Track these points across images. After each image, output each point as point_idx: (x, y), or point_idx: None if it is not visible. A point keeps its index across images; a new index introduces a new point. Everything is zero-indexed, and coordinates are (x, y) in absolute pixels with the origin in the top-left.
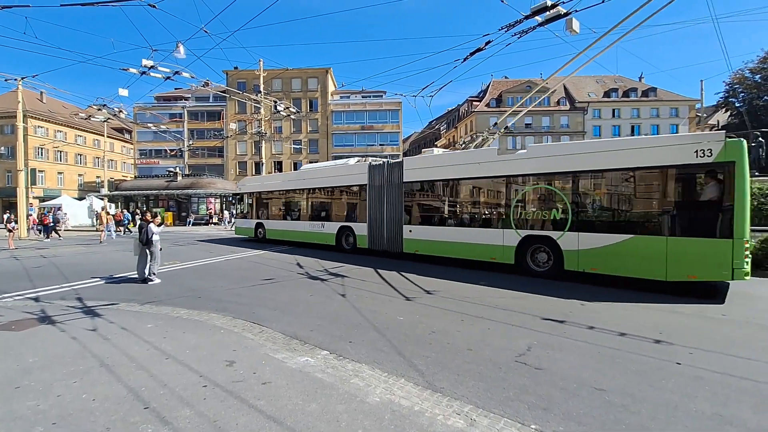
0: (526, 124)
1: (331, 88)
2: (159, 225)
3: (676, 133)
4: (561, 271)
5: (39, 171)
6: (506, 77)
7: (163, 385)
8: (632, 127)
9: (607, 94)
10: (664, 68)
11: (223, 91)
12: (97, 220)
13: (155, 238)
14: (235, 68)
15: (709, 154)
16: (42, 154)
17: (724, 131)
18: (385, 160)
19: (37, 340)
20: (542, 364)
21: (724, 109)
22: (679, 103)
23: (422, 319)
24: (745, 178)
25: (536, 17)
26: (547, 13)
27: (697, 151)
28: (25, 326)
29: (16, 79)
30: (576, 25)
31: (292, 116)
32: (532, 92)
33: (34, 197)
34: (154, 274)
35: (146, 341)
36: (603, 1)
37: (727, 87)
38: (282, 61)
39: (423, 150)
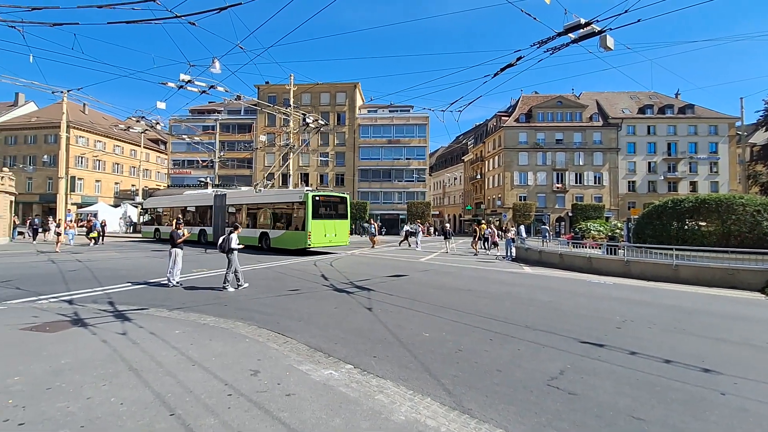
0: (557, 140)
1: (358, 102)
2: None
3: (716, 151)
4: (270, 248)
5: (78, 179)
6: (536, 92)
7: (189, 391)
8: (668, 145)
9: (641, 110)
10: (702, 84)
11: (255, 105)
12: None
13: (234, 245)
14: (267, 83)
15: (302, 198)
16: (82, 163)
17: (307, 188)
18: (222, 190)
19: (69, 342)
20: (576, 389)
21: (764, 128)
22: (718, 120)
23: (449, 336)
24: (309, 209)
25: (569, 34)
26: (581, 30)
27: (299, 196)
28: (59, 328)
29: (62, 92)
30: (610, 42)
31: (321, 129)
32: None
33: (72, 203)
34: (239, 279)
35: (174, 347)
36: (639, 21)
37: (766, 105)
38: (312, 76)
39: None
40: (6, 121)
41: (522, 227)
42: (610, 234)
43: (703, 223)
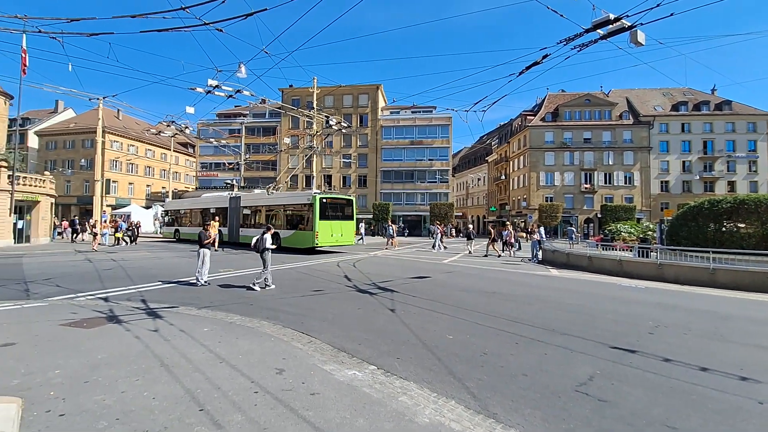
0: (585, 139)
1: (381, 103)
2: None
3: (755, 149)
4: (281, 247)
5: (113, 181)
6: (563, 91)
7: (217, 388)
8: (704, 143)
9: (675, 107)
10: (740, 80)
11: (279, 108)
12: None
13: (269, 245)
14: (290, 86)
15: (310, 200)
16: (116, 166)
17: (315, 191)
18: (237, 193)
19: (105, 337)
20: (606, 395)
21: None
22: (757, 117)
23: (473, 339)
24: (316, 210)
25: (598, 30)
26: (610, 26)
27: (308, 198)
28: (95, 324)
29: (98, 99)
30: (641, 37)
31: (343, 131)
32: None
33: (107, 205)
34: (267, 280)
35: (202, 344)
36: (671, 15)
37: None
38: (335, 78)
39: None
40: (47, 127)
41: (541, 228)
42: (641, 236)
43: (742, 225)
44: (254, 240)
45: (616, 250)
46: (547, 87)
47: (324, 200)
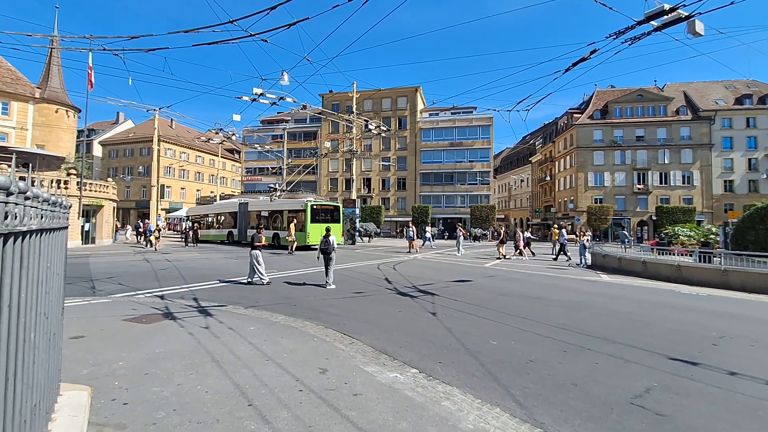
0: (637, 137)
1: (420, 105)
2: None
3: None
4: (281, 246)
5: (167, 186)
6: (612, 87)
7: (264, 384)
8: None
9: (739, 101)
10: None
11: (319, 113)
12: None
13: (335, 246)
14: (330, 91)
15: (303, 206)
16: (169, 172)
17: (308, 198)
18: (246, 199)
19: (162, 333)
20: (664, 409)
21: None
22: None
23: (518, 345)
24: (308, 215)
25: (651, 22)
26: (665, 17)
27: (303, 204)
28: (153, 320)
29: (154, 110)
30: (700, 27)
31: (382, 134)
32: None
33: (161, 209)
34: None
35: (250, 342)
36: (732, 3)
37: None
38: (374, 82)
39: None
40: (109, 137)
41: (564, 231)
42: (702, 240)
43: None
44: (321, 243)
45: (673, 254)
46: (596, 83)
47: (314, 207)
